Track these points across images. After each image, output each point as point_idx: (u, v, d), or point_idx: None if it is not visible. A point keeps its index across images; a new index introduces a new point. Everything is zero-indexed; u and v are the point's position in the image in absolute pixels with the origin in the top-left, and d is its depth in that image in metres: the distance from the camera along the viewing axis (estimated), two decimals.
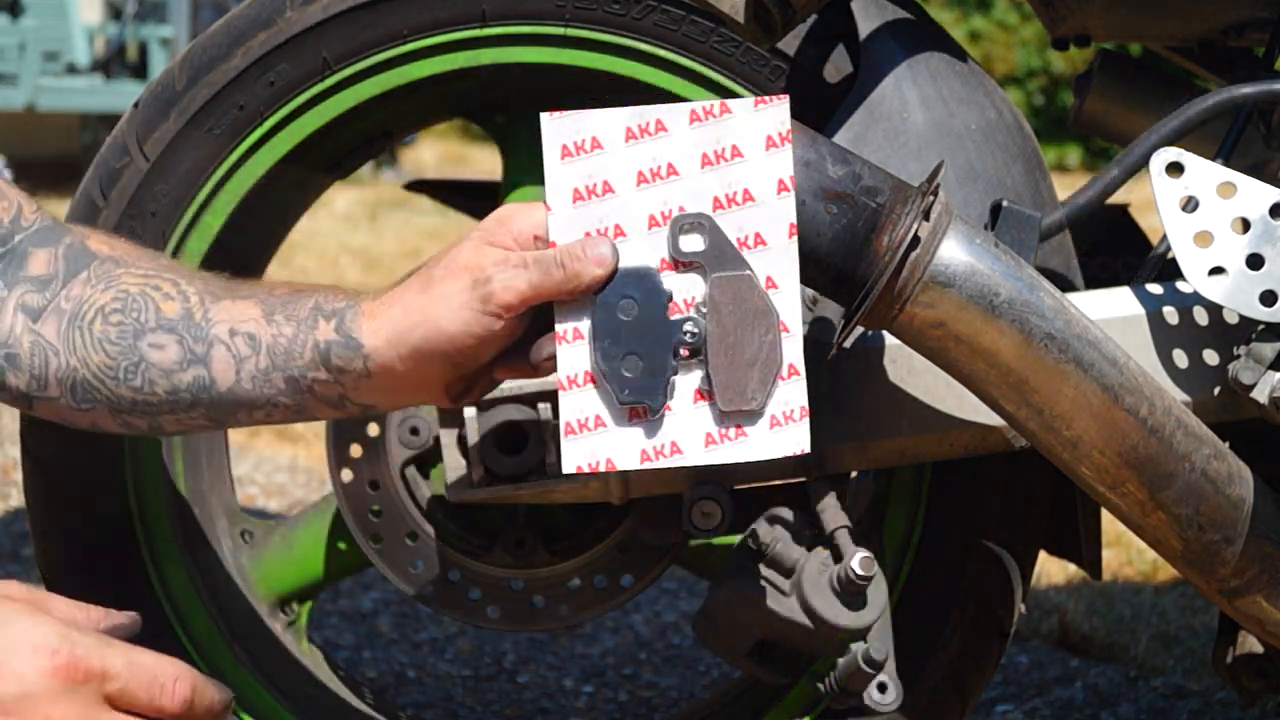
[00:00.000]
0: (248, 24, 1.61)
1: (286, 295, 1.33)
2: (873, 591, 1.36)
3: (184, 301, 1.33)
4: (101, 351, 1.32)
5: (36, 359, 1.33)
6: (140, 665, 1.03)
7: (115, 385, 1.32)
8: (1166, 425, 1.29)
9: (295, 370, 1.30)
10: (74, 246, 1.36)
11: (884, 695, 1.38)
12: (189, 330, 1.32)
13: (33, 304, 1.34)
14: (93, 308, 1.33)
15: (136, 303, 1.33)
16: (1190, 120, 1.40)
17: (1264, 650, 1.49)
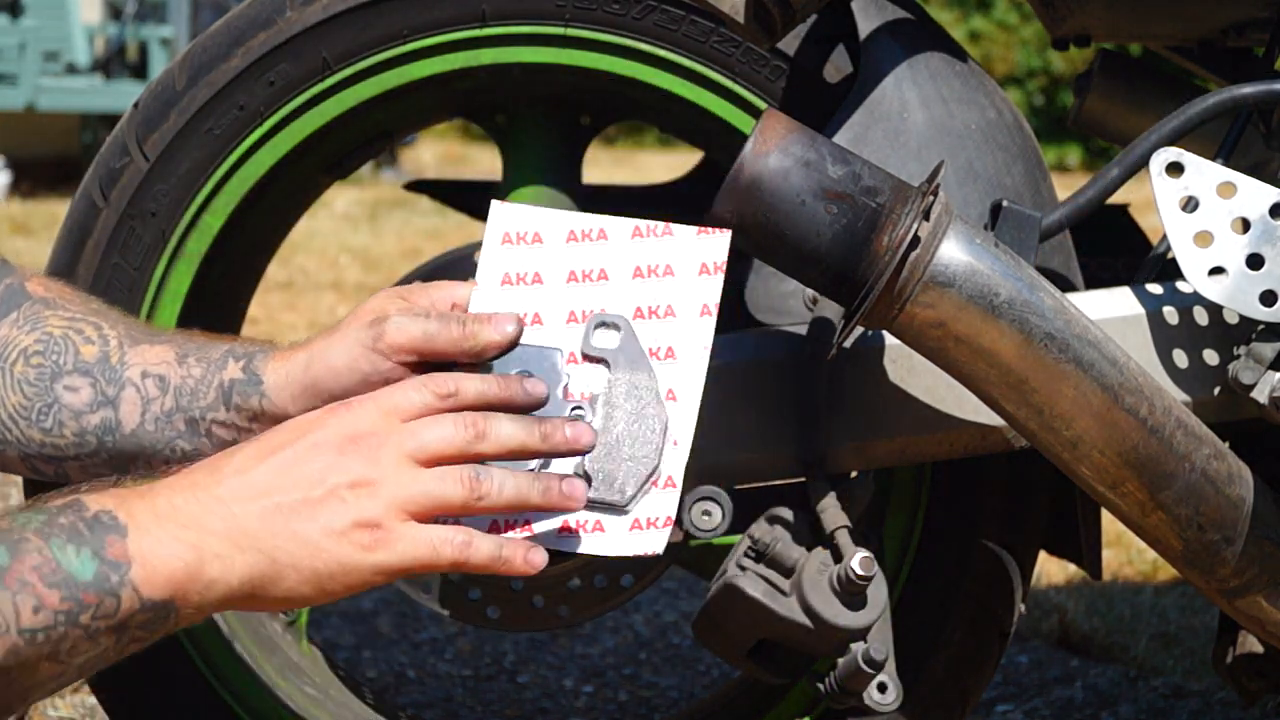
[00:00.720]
0: (248, 24, 1.61)
1: (204, 341, 1.34)
2: (873, 591, 1.36)
3: (103, 345, 1.33)
4: (19, 392, 1.32)
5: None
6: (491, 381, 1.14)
7: (27, 426, 1.32)
8: (1166, 425, 1.29)
9: (197, 411, 1.30)
10: (12, 287, 1.35)
11: (884, 695, 1.38)
12: (103, 373, 1.32)
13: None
14: (16, 348, 1.32)
15: (58, 345, 1.33)
16: (1190, 120, 1.40)
17: (1264, 650, 1.49)
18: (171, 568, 1.05)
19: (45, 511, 1.04)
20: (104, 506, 1.05)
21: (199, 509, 1.07)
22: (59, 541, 1.02)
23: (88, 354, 1.32)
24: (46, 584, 1.01)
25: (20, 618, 1.00)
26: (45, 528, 1.03)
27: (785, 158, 1.26)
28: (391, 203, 8.23)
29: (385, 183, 9.03)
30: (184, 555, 1.05)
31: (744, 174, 1.25)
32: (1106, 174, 1.42)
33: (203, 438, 1.30)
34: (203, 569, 1.06)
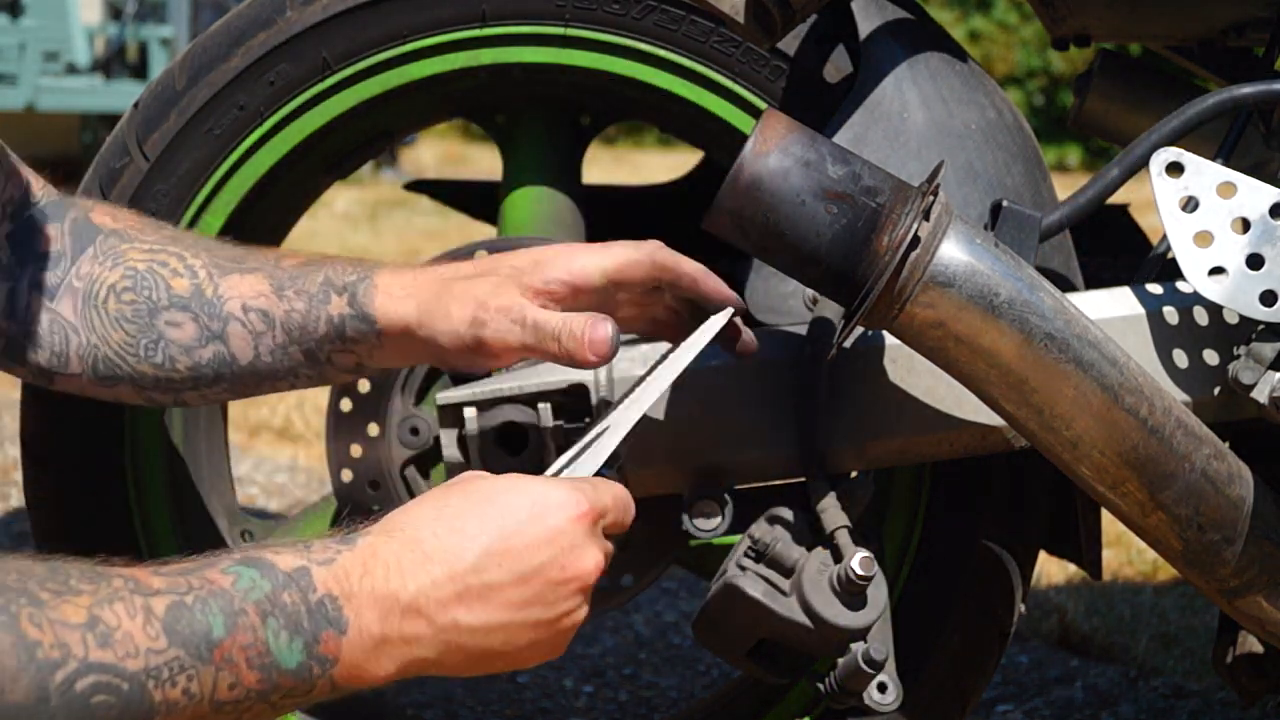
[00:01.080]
0: (248, 24, 1.61)
1: (295, 269, 1.35)
2: (873, 591, 1.36)
3: (192, 277, 1.34)
4: (120, 329, 1.33)
5: (56, 337, 1.34)
6: (618, 496, 1.17)
7: (137, 362, 1.33)
8: (1166, 425, 1.29)
9: (312, 344, 1.33)
10: (79, 221, 1.36)
11: (884, 695, 1.38)
12: (202, 307, 1.33)
13: (46, 282, 1.34)
14: (104, 285, 1.33)
15: (146, 280, 1.34)
16: (1190, 120, 1.40)
17: (1264, 650, 1.49)
18: (374, 674, 1.05)
19: (271, 577, 1.01)
20: (330, 591, 1.03)
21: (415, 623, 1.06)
22: (275, 625, 1.00)
23: (179, 287, 1.34)
24: (250, 666, 0.99)
25: (216, 692, 0.98)
26: (266, 603, 1.00)
27: (785, 158, 1.26)
28: (391, 203, 8.23)
29: (385, 183, 9.03)
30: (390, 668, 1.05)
31: (744, 174, 1.25)
32: (1106, 174, 1.42)
33: (325, 365, 1.34)
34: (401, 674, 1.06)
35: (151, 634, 0.95)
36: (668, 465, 1.45)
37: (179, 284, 1.34)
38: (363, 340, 1.34)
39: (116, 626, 0.94)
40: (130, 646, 0.94)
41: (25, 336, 1.34)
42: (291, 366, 1.34)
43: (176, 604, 0.97)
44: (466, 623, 1.07)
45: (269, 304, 1.34)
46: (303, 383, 1.37)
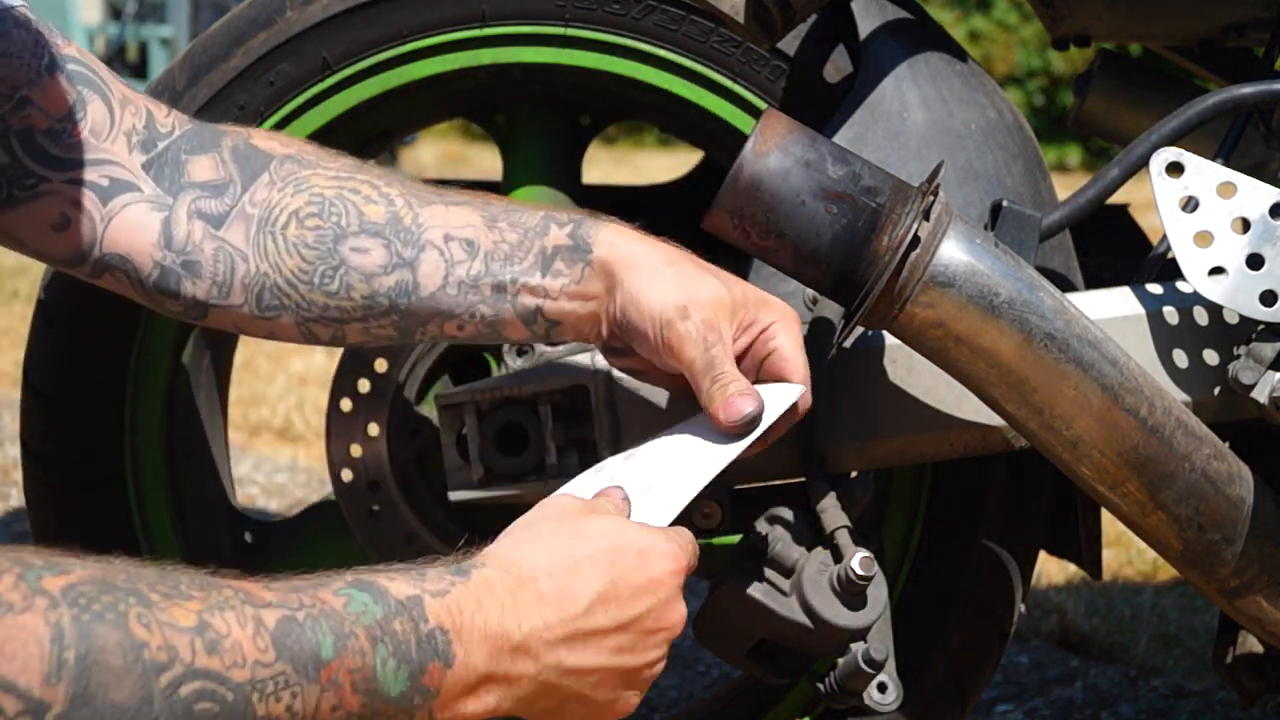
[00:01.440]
0: (248, 24, 1.61)
1: (507, 204, 1.31)
2: (873, 591, 1.36)
3: (388, 205, 1.29)
4: (297, 255, 1.28)
5: (221, 265, 1.28)
6: (692, 548, 1.17)
7: (308, 290, 1.28)
8: (1166, 425, 1.29)
9: (508, 275, 1.28)
10: (240, 148, 1.31)
11: (884, 695, 1.38)
12: (397, 234, 1.28)
13: (211, 210, 1.28)
14: (284, 211, 1.28)
15: (335, 206, 1.28)
16: (1190, 120, 1.40)
17: (1264, 650, 1.49)
18: (469, 712, 1.04)
19: (384, 603, 1.00)
20: (441, 624, 1.02)
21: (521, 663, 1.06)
22: (384, 652, 0.99)
23: (373, 214, 1.29)
24: (355, 690, 0.98)
25: (319, 713, 0.96)
26: (377, 629, 0.99)
27: (785, 158, 1.26)
28: None
29: None
30: (486, 705, 1.04)
31: (744, 174, 1.25)
32: (1106, 174, 1.42)
33: (506, 302, 1.29)
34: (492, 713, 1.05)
35: (261, 646, 0.93)
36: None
37: (372, 210, 1.29)
38: (565, 272, 1.28)
39: (226, 635, 0.92)
40: (238, 656, 0.92)
41: (185, 266, 1.28)
42: (471, 303, 1.28)
43: (287, 619, 0.95)
44: (568, 664, 1.07)
45: (476, 234, 1.29)
46: (470, 327, 1.30)
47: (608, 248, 1.28)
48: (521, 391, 1.49)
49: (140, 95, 1.32)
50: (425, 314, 1.29)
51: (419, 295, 1.28)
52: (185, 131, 1.31)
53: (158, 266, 1.28)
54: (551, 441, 1.47)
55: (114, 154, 1.27)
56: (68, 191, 1.26)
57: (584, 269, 1.28)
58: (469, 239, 1.29)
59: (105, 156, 1.27)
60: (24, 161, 1.25)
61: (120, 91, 1.30)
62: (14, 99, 1.24)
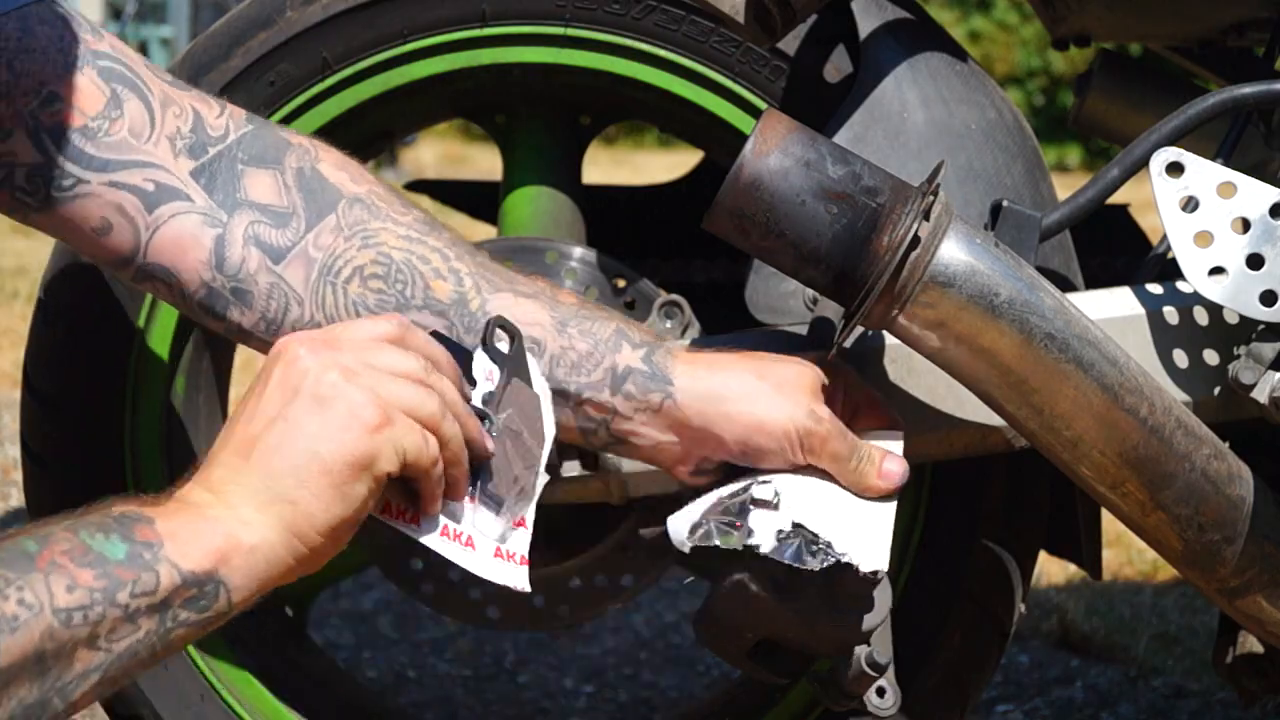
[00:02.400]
0: (248, 24, 1.61)
1: (579, 308, 1.28)
2: (879, 595, 1.36)
3: (457, 284, 1.25)
4: (353, 314, 1.24)
5: (275, 303, 1.24)
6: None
7: None
8: (1166, 425, 1.29)
9: (574, 385, 1.25)
10: (305, 173, 1.26)
11: (882, 700, 1.38)
12: (461, 318, 1.24)
13: (271, 240, 1.24)
14: (349, 264, 1.24)
15: (402, 273, 1.24)
16: (1190, 120, 1.40)
17: (1264, 650, 1.49)
18: (206, 539, 1.02)
19: (69, 516, 1.02)
20: (128, 509, 1.03)
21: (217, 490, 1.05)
22: (87, 531, 0.99)
23: (440, 292, 1.25)
24: (78, 564, 0.97)
25: (55, 598, 0.96)
26: (73, 525, 1.00)
27: (785, 158, 1.26)
28: None
29: None
30: (215, 529, 1.02)
31: (744, 174, 1.25)
32: (1106, 174, 1.42)
33: (568, 409, 1.25)
34: (239, 537, 1.02)
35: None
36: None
37: (440, 287, 1.24)
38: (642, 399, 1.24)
39: None
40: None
41: (235, 293, 1.24)
42: None
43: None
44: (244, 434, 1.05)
45: (544, 335, 1.24)
46: None
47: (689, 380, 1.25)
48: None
49: (188, 93, 1.28)
50: None
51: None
52: (243, 135, 1.27)
53: (205, 286, 1.25)
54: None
55: (157, 157, 1.23)
56: (108, 195, 1.22)
57: (663, 400, 1.25)
58: (536, 338, 1.25)
59: (147, 159, 1.23)
60: (58, 161, 1.21)
61: (161, 90, 1.25)
62: (42, 94, 1.20)
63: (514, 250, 1.65)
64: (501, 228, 1.74)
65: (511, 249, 1.65)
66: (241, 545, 1.03)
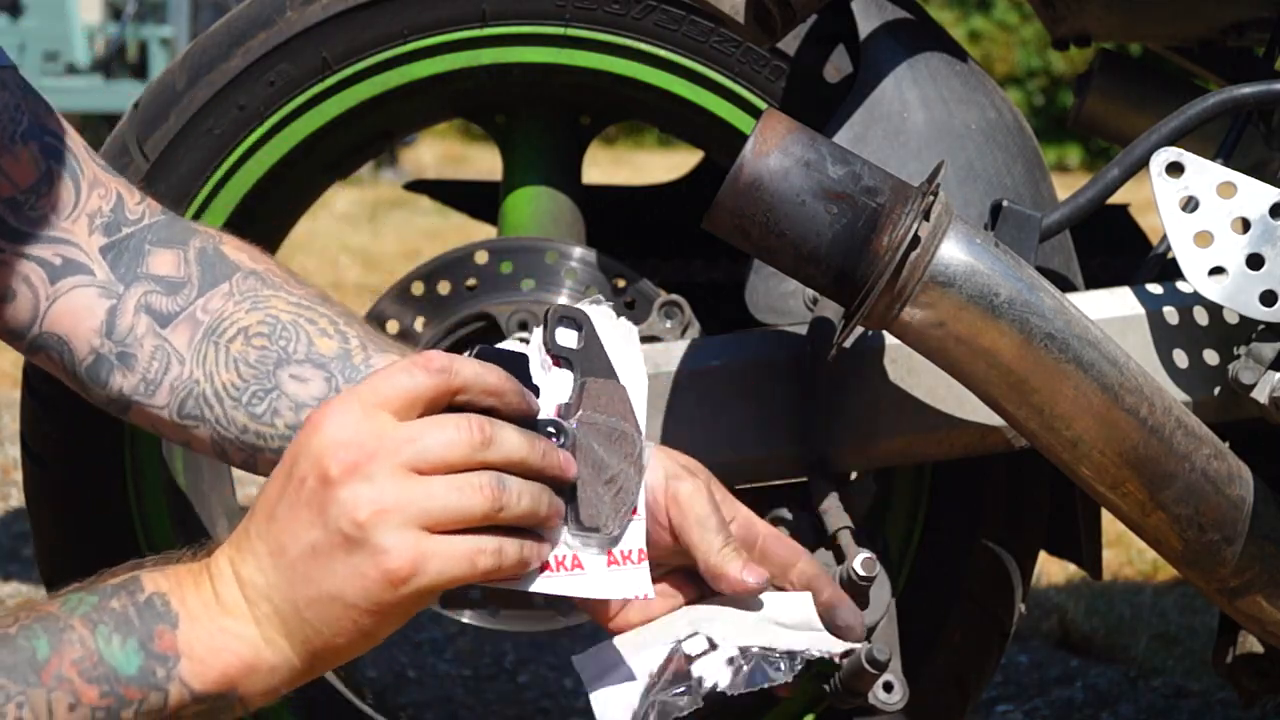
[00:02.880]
0: (248, 24, 1.61)
1: None
2: (876, 592, 1.36)
3: (342, 341, 1.23)
4: (234, 371, 1.23)
5: (156, 363, 1.23)
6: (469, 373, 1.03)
7: (233, 407, 1.23)
8: (1166, 425, 1.29)
9: None
10: (207, 251, 1.26)
11: (890, 695, 1.38)
12: (342, 370, 1.22)
13: (161, 307, 1.24)
14: (235, 325, 1.23)
15: (287, 331, 1.23)
16: (1190, 120, 1.40)
17: (1264, 650, 1.49)
18: (225, 661, 0.99)
19: (98, 592, 0.98)
20: (159, 589, 0.99)
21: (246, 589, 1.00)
22: (105, 630, 0.96)
23: (324, 347, 1.23)
24: (86, 679, 0.95)
25: (55, 716, 0.94)
26: (94, 613, 0.97)
27: (785, 158, 1.26)
28: (391, 203, 8.24)
29: (385, 183, 9.03)
30: (237, 648, 0.99)
31: (744, 174, 1.25)
32: (1106, 174, 1.42)
33: None
34: (261, 656, 1.00)
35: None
36: None
37: (324, 343, 1.23)
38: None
39: None
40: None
41: (120, 357, 1.24)
42: None
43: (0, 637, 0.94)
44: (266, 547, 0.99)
45: None
46: None
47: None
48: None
49: (116, 179, 1.29)
50: None
51: None
52: (155, 222, 1.28)
53: (94, 353, 1.25)
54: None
55: (73, 234, 1.25)
56: (17, 265, 1.23)
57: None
58: None
59: (63, 235, 1.24)
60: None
61: (93, 172, 1.27)
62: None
63: (514, 250, 1.65)
64: (501, 228, 1.74)
65: (511, 249, 1.65)
66: (262, 665, 1.00)
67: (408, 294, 1.66)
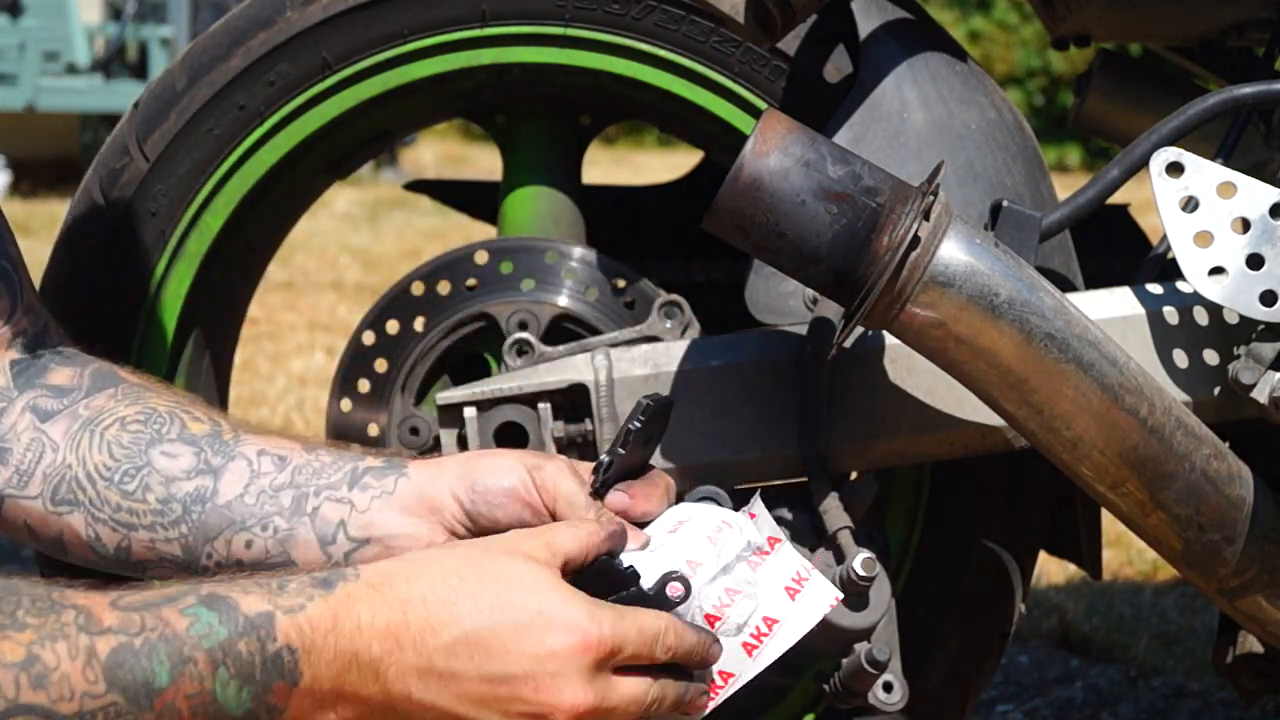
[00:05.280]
0: (248, 24, 1.61)
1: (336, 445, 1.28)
2: (875, 592, 1.36)
3: (214, 426, 1.26)
4: (106, 452, 1.24)
5: (30, 453, 1.25)
6: (645, 630, 1.06)
7: (105, 487, 1.24)
8: (1166, 425, 1.29)
9: (312, 488, 1.23)
10: (102, 370, 1.29)
11: (890, 694, 1.38)
12: (211, 445, 1.24)
13: (45, 407, 1.26)
14: (113, 415, 1.25)
15: (163, 418, 1.25)
16: (1190, 120, 1.40)
17: (1264, 650, 1.49)
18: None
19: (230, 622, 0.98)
20: (289, 643, 0.99)
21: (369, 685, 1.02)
22: (225, 675, 0.97)
23: (196, 429, 1.25)
24: (194, 714, 0.96)
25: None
26: (219, 652, 0.97)
27: (785, 158, 1.26)
28: (391, 203, 8.24)
29: (385, 183, 9.03)
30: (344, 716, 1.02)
31: (744, 174, 1.25)
32: (1106, 174, 1.42)
33: (304, 517, 1.22)
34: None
35: (90, 677, 0.93)
36: (670, 465, 1.45)
37: (196, 426, 1.25)
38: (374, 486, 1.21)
39: (55, 667, 0.92)
40: (66, 689, 0.92)
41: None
42: (268, 514, 1.22)
43: (122, 646, 0.95)
44: (419, 699, 1.02)
45: (292, 453, 1.24)
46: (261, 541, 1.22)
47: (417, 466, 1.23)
48: (521, 390, 1.49)
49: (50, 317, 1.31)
50: (217, 525, 1.23)
51: (214, 503, 1.22)
52: (70, 352, 1.30)
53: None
54: (551, 440, 1.48)
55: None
56: None
57: (398, 480, 1.22)
58: (282, 454, 1.24)
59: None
60: None
61: (31, 302, 1.29)
62: None
63: (514, 250, 1.65)
64: (501, 228, 1.74)
65: (511, 249, 1.65)
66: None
67: (408, 294, 1.66)
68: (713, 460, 1.45)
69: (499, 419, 1.50)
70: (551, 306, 1.62)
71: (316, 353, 4.76)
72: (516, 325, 1.62)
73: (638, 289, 1.65)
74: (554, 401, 1.48)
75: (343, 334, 4.27)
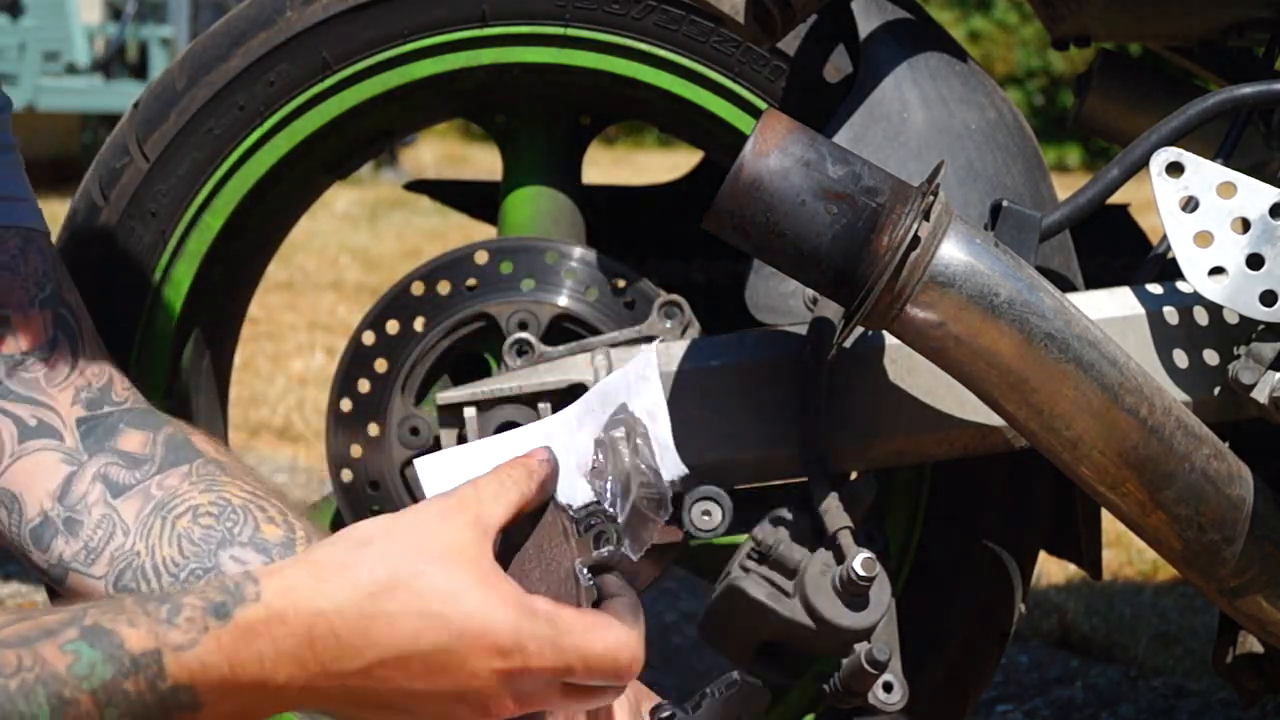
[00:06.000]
0: (248, 24, 1.61)
1: None
2: (875, 592, 1.36)
3: (289, 531, 1.23)
4: (176, 546, 1.21)
5: (101, 531, 1.22)
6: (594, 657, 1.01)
7: (170, 584, 1.21)
8: (1166, 425, 1.29)
9: None
10: (176, 437, 1.27)
11: (890, 695, 1.38)
12: (284, 557, 1.20)
13: (117, 478, 1.24)
14: (186, 503, 1.23)
15: (236, 514, 1.23)
16: (1190, 120, 1.40)
17: (1264, 650, 1.49)
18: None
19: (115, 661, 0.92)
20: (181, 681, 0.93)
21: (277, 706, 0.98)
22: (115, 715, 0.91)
23: (270, 534, 1.22)
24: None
25: None
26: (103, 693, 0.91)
27: (785, 158, 1.26)
28: (391, 203, 8.24)
29: (385, 183, 9.03)
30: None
31: (744, 174, 1.25)
32: (1106, 174, 1.42)
33: None
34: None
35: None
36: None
37: (270, 530, 1.22)
38: None
39: None
40: None
41: (66, 523, 1.23)
42: None
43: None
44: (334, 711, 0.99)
45: None
46: None
47: None
48: (521, 390, 1.49)
49: (111, 364, 1.30)
50: None
51: None
52: (136, 408, 1.28)
53: (42, 515, 1.24)
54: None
55: (55, 401, 1.26)
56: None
57: None
58: None
59: (46, 400, 1.26)
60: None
61: (93, 352, 1.29)
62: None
63: (514, 250, 1.65)
64: (501, 228, 1.74)
65: (511, 249, 1.65)
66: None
67: (408, 294, 1.66)
68: (713, 460, 1.45)
69: (499, 419, 1.50)
70: (551, 306, 1.62)
71: (316, 353, 4.76)
72: (516, 325, 1.62)
73: (638, 289, 1.65)
74: (554, 401, 1.48)
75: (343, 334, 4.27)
